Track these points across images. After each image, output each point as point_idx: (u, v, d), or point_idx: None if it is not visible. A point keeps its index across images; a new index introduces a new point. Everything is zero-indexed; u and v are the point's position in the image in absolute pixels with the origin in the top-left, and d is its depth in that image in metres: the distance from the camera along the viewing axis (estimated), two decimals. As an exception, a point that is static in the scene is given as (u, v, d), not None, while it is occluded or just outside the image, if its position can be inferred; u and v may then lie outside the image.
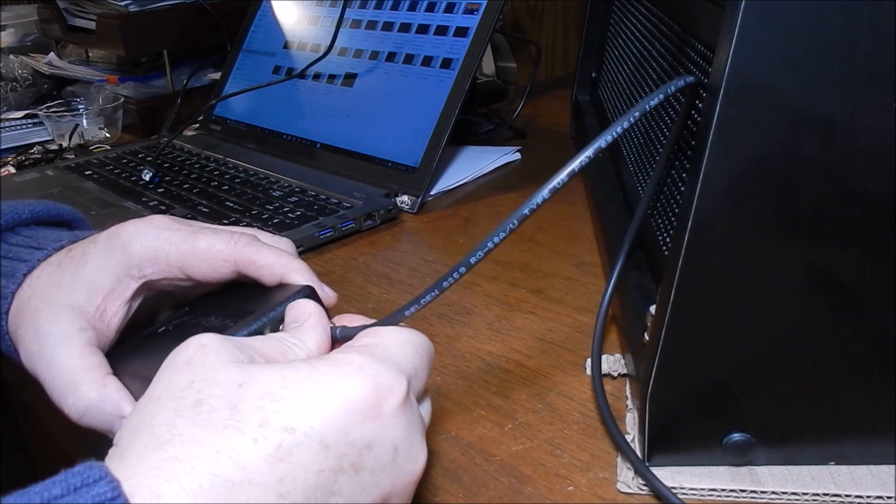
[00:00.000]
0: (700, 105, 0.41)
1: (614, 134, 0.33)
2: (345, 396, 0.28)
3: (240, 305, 0.37)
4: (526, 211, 0.33)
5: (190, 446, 0.25)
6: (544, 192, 0.33)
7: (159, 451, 0.25)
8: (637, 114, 0.33)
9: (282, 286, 0.38)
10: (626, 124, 0.33)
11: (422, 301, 0.34)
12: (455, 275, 0.34)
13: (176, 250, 0.38)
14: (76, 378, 0.35)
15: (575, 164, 0.32)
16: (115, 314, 0.38)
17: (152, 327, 0.40)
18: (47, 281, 0.37)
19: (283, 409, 0.27)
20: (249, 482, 0.25)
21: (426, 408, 0.33)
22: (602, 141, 0.33)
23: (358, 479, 0.28)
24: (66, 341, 0.35)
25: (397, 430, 0.29)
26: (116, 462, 0.26)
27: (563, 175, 0.32)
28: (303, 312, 0.34)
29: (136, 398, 0.34)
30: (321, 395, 0.27)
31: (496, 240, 0.34)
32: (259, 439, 0.26)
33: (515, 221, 0.33)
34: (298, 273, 0.38)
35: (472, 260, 0.34)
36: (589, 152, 0.32)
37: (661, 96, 0.33)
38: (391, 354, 0.31)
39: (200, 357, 0.28)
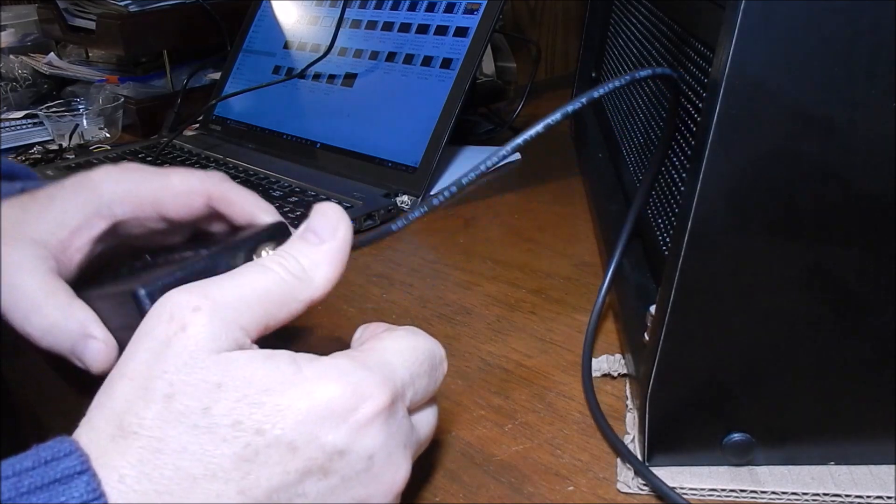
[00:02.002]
0: (682, 101, 0.41)
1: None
2: (320, 401, 0.27)
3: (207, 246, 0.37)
4: (520, 141, 0.36)
5: (156, 441, 0.25)
6: (539, 126, 0.36)
7: (125, 440, 0.25)
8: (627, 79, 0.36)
9: (249, 227, 0.38)
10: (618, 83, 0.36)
11: (410, 217, 0.35)
12: (446, 193, 0.35)
13: (148, 187, 0.38)
14: (39, 299, 0.34)
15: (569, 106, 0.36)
16: (79, 250, 0.37)
17: (112, 272, 0.40)
18: (11, 220, 0.36)
19: (259, 412, 0.26)
20: (212, 477, 0.25)
21: (427, 417, 0.33)
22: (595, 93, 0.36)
23: (326, 484, 0.27)
24: (29, 268, 0.35)
25: (374, 438, 0.28)
26: (85, 439, 0.26)
27: (556, 115, 0.36)
28: (327, 220, 0.32)
29: (103, 320, 0.34)
30: (298, 398, 0.27)
31: (489, 164, 0.36)
32: (228, 439, 0.26)
33: (509, 149, 0.36)
34: (268, 213, 0.38)
35: (465, 181, 0.36)
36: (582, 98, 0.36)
37: (649, 72, 0.36)
38: (384, 362, 0.30)
39: (180, 342, 0.27)
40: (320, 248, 0.31)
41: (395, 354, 0.31)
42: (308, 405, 0.27)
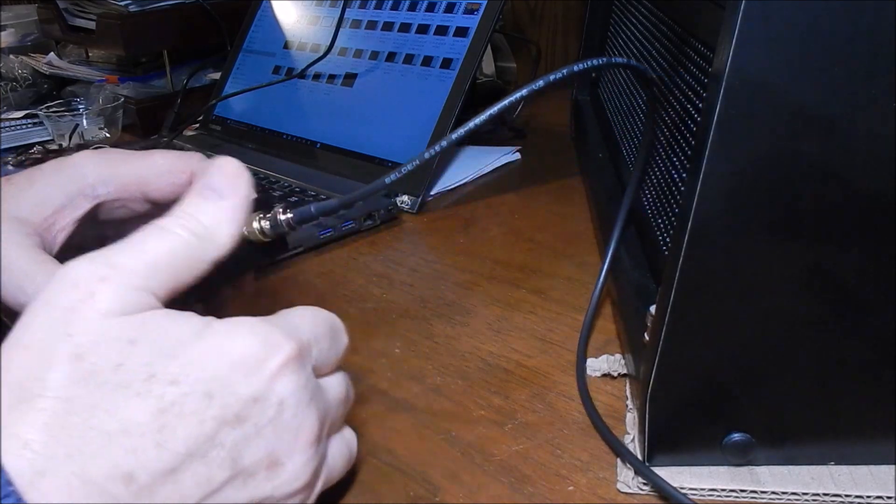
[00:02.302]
0: (650, 96, 0.41)
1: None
2: (232, 351, 0.28)
3: None
4: (516, 97, 0.38)
5: (63, 401, 0.25)
6: (523, 90, 0.38)
7: (28, 404, 0.25)
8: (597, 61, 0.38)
9: None
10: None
11: (402, 170, 0.36)
12: (437, 148, 0.37)
13: (131, 168, 0.38)
14: (31, 269, 0.34)
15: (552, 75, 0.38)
16: (62, 229, 0.37)
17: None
18: None
19: (173, 364, 0.26)
20: (126, 432, 0.25)
21: (334, 383, 0.33)
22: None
23: (241, 432, 0.27)
24: (14, 243, 0.35)
25: (285, 386, 0.29)
26: None
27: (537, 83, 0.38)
28: (226, 176, 0.32)
29: None
30: (210, 349, 0.27)
31: (481, 119, 0.38)
32: (142, 393, 0.26)
33: (499, 107, 0.38)
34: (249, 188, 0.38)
35: (454, 136, 0.37)
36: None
37: (599, 62, 0.38)
38: (288, 321, 0.31)
39: (88, 308, 0.26)
40: (220, 204, 0.31)
41: (297, 317, 0.31)
42: (221, 355, 0.28)
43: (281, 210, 0.38)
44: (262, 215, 0.38)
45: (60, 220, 0.37)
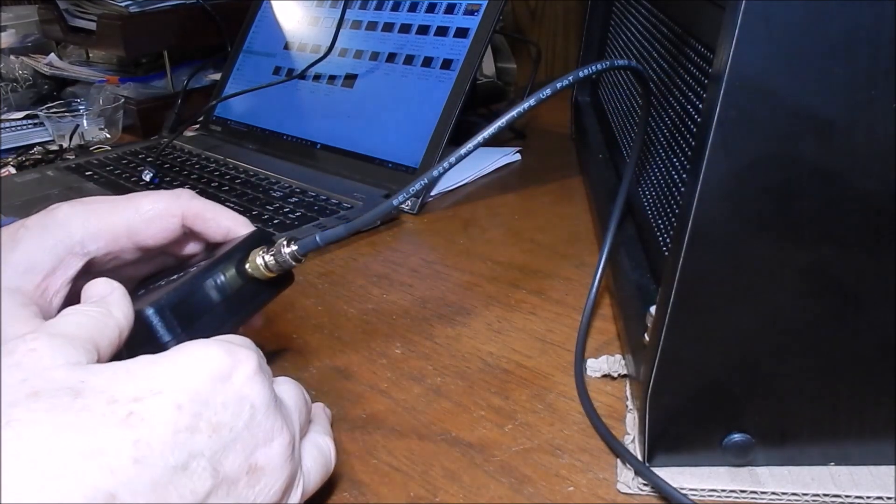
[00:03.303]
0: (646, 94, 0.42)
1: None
2: (197, 362, 0.28)
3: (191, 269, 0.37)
4: (525, 107, 0.37)
5: (30, 426, 0.24)
6: (531, 100, 0.37)
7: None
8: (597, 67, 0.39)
9: (231, 241, 0.38)
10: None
11: (410, 189, 0.37)
12: (446, 164, 0.37)
13: (119, 218, 0.37)
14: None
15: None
16: (56, 293, 0.36)
17: None
18: None
19: (132, 384, 0.26)
20: (101, 451, 0.25)
21: (288, 388, 0.33)
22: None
23: (219, 438, 0.28)
24: (11, 317, 0.34)
25: (254, 390, 0.29)
26: None
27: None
28: (103, 288, 0.33)
29: None
30: (172, 365, 0.28)
31: (490, 131, 0.37)
32: (107, 414, 0.26)
33: (504, 122, 0.37)
34: (244, 226, 0.38)
35: (463, 150, 0.37)
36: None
37: (603, 66, 0.39)
38: (238, 340, 0.31)
39: (31, 360, 0.27)
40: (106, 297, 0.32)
41: (242, 339, 0.32)
42: (184, 369, 0.28)
43: (285, 243, 0.37)
44: (264, 250, 0.37)
45: (53, 283, 0.36)
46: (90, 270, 0.37)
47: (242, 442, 0.28)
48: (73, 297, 0.37)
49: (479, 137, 0.36)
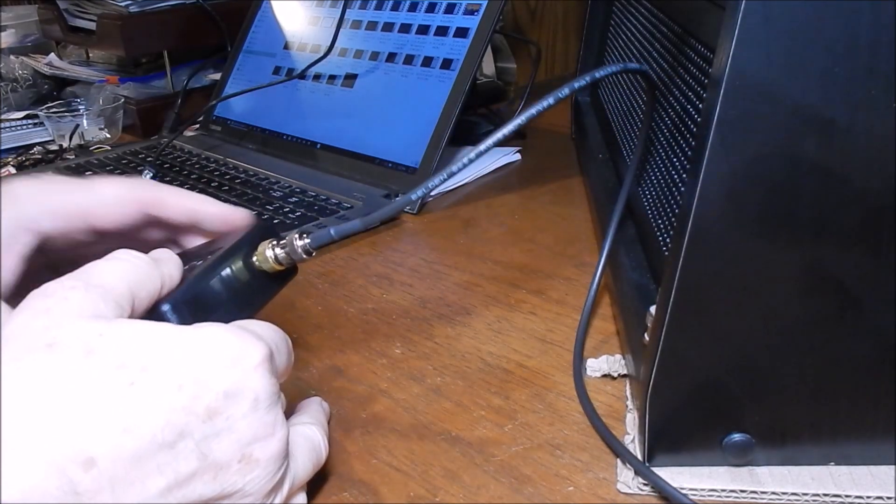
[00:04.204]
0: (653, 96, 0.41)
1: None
2: (207, 345, 0.29)
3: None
4: (544, 105, 0.37)
5: (36, 376, 0.25)
6: (549, 98, 0.37)
7: (3, 383, 0.25)
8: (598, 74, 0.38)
9: (236, 232, 0.38)
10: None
11: (428, 185, 0.36)
12: (456, 167, 0.37)
13: (76, 199, 0.36)
14: None
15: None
16: (10, 270, 0.35)
17: None
18: None
19: (144, 354, 0.27)
20: (93, 415, 0.25)
21: (283, 399, 0.33)
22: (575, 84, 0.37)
23: (212, 425, 0.28)
24: None
25: (261, 382, 0.29)
26: None
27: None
28: (160, 251, 0.34)
29: None
30: (183, 343, 0.28)
31: (509, 128, 0.38)
32: (112, 378, 0.26)
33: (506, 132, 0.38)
34: (212, 203, 0.38)
35: (483, 146, 0.37)
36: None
37: (617, 68, 0.39)
38: (253, 327, 0.32)
39: (62, 307, 0.28)
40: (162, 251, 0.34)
41: (258, 326, 0.32)
42: (195, 349, 0.28)
43: (297, 236, 0.36)
44: (275, 242, 0.37)
45: (6, 260, 0.35)
46: (44, 250, 0.37)
47: (238, 431, 0.28)
48: (28, 278, 0.36)
49: (500, 134, 0.37)
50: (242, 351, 0.29)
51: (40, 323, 0.27)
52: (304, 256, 0.37)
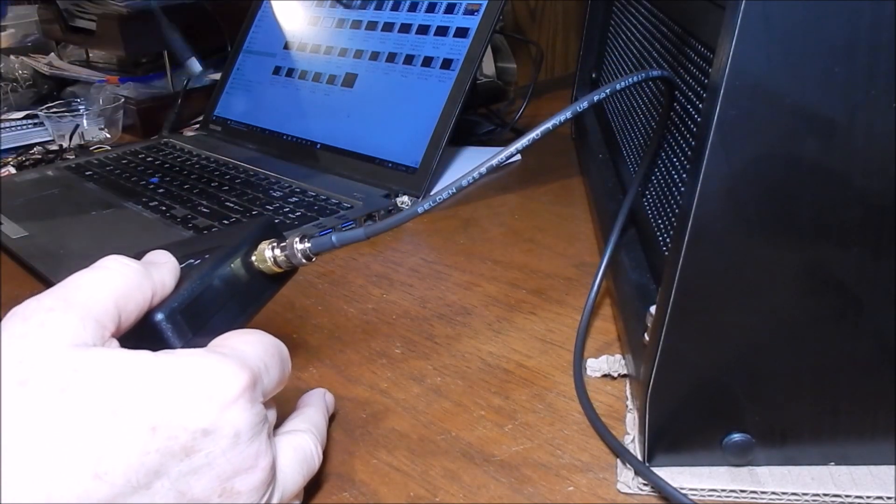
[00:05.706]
0: (680, 100, 0.41)
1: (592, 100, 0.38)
2: (184, 379, 0.28)
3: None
4: (562, 118, 0.38)
5: (6, 417, 0.25)
6: (566, 112, 0.38)
7: None
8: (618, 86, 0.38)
9: (237, 229, 0.37)
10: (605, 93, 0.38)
11: (437, 198, 0.36)
12: (469, 178, 0.37)
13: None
14: None
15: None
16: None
17: None
18: None
19: (116, 395, 0.26)
20: (64, 460, 0.25)
21: (272, 414, 0.33)
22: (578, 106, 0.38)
23: (189, 463, 0.27)
24: None
25: (239, 417, 0.28)
26: None
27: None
28: (157, 254, 0.33)
29: None
30: (157, 379, 0.27)
31: (530, 138, 0.38)
32: (84, 420, 0.25)
33: (514, 149, 0.38)
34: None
35: (503, 154, 0.38)
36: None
37: (638, 78, 0.39)
38: (238, 352, 0.31)
39: (38, 336, 0.27)
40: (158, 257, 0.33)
41: (246, 346, 0.31)
42: (169, 388, 0.27)
43: (298, 239, 0.36)
44: (275, 243, 0.36)
45: None
46: None
47: (218, 467, 0.28)
48: None
49: (513, 147, 0.37)
50: (221, 384, 0.28)
51: (14, 354, 0.26)
52: (304, 261, 0.36)
